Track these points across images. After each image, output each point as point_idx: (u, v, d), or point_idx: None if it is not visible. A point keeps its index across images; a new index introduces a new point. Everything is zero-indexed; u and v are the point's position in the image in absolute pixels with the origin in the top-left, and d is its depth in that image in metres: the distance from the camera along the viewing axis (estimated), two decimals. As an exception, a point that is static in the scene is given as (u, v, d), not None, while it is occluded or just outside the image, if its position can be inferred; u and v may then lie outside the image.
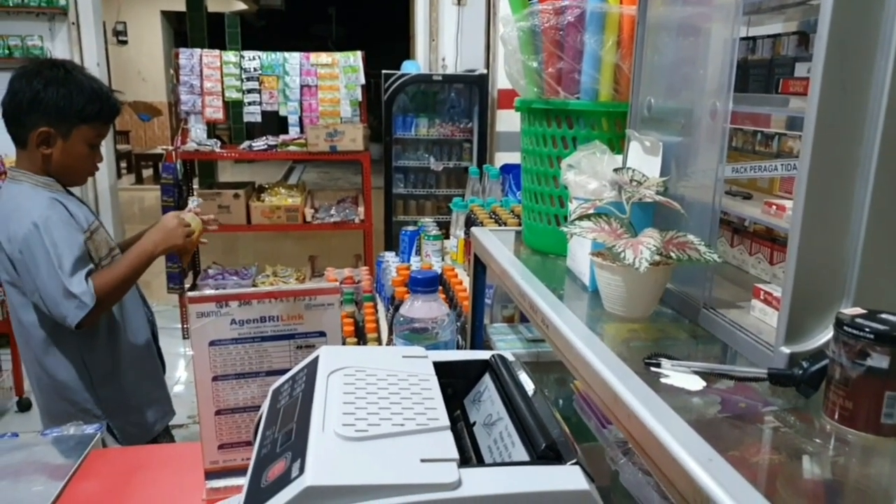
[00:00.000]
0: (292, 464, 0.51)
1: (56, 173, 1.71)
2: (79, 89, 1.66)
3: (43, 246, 1.56)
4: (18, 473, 0.89)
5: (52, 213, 1.60)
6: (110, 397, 1.75)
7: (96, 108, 1.69)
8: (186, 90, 4.49)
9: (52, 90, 1.64)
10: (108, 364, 1.75)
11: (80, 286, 1.55)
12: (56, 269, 1.55)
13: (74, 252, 1.58)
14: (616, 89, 1.17)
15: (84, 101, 1.67)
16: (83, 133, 1.69)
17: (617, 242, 0.87)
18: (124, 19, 11.10)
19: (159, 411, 1.88)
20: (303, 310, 0.84)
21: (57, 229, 1.58)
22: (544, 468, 0.52)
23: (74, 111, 1.66)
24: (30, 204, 1.62)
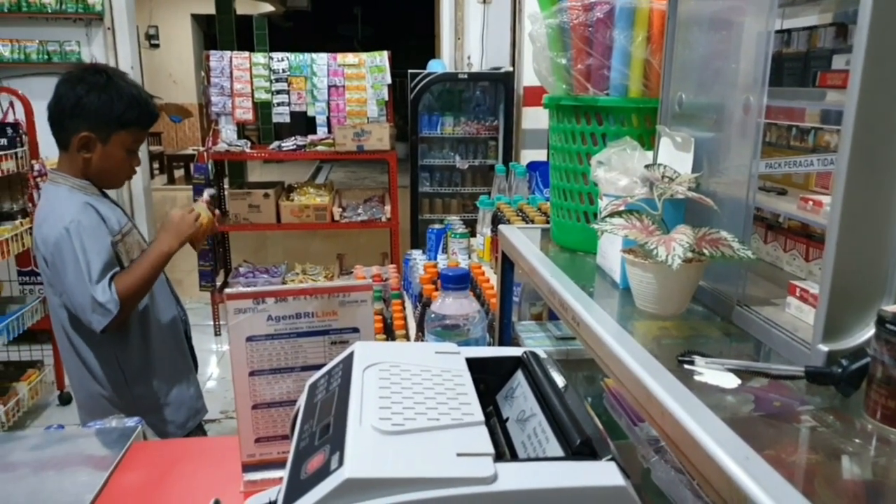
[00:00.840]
0: (331, 456, 0.51)
1: (94, 177, 1.76)
2: (119, 95, 1.70)
3: (72, 250, 1.60)
4: (64, 464, 0.92)
5: (84, 218, 1.64)
6: (144, 395, 1.79)
7: (135, 114, 1.73)
8: (217, 92, 4.55)
9: (94, 96, 1.68)
10: (141, 362, 1.79)
11: (105, 294, 1.59)
12: (84, 276, 1.59)
13: (102, 258, 1.62)
14: (646, 85, 1.16)
15: (123, 107, 1.70)
16: (122, 138, 1.73)
17: (649, 239, 0.87)
18: (156, 23, 11.29)
19: (192, 409, 1.92)
20: (337, 306, 0.85)
21: (86, 234, 1.62)
22: (580, 464, 0.52)
23: (114, 117, 1.70)
24: (63, 207, 1.66)
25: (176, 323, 1.93)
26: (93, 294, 1.57)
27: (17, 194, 3.25)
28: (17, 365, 3.44)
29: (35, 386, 3.32)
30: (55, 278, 1.64)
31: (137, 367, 1.78)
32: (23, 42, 4.43)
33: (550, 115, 1.30)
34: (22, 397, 3.18)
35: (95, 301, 1.57)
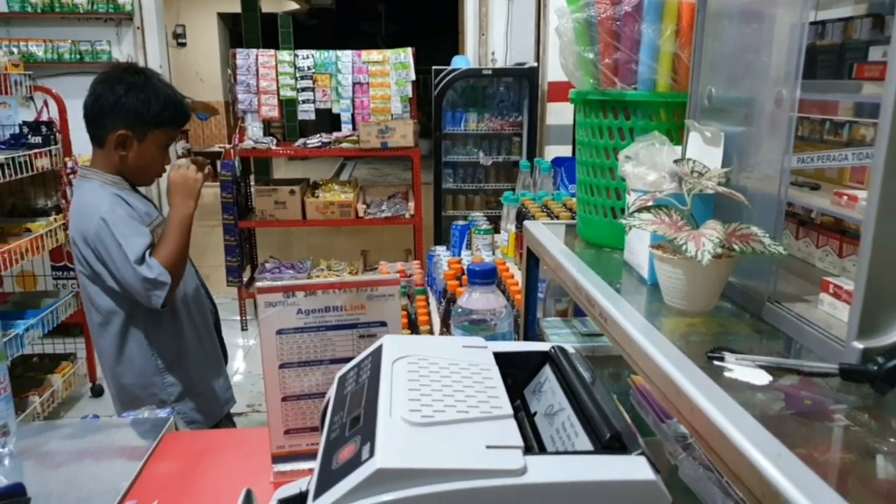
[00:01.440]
0: (362, 447, 0.52)
1: (128, 173, 1.81)
2: (156, 95, 1.75)
3: (113, 239, 1.65)
4: (100, 453, 0.94)
5: (117, 208, 1.69)
6: (175, 383, 1.83)
7: (170, 113, 1.78)
8: (243, 89, 4.60)
9: (133, 96, 1.73)
10: (174, 351, 1.83)
11: (153, 270, 1.64)
12: (128, 261, 1.63)
13: (142, 240, 1.66)
14: (675, 79, 1.15)
15: (160, 106, 1.75)
16: (156, 137, 1.78)
17: (678, 235, 0.86)
18: (183, 22, 11.42)
19: (221, 399, 1.96)
20: (365, 300, 0.86)
21: (122, 221, 1.67)
22: (609, 458, 0.52)
23: (151, 116, 1.75)
24: (96, 200, 1.71)
25: (206, 314, 1.97)
26: (142, 274, 1.63)
27: (50, 191, 3.32)
28: (51, 357, 3.51)
29: (69, 378, 3.39)
30: (103, 269, 1.70)
31: (171, 355, 1.82)
32: (56, 42, 4.52)
33: (577, 109, 1.30)
34: (56, 389, 3.25)
35: (147, 279, 1.63)
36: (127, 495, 0.85)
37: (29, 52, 4.40)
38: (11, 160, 2.79)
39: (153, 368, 1.80)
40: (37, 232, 3.03)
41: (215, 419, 1.93)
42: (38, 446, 0.97)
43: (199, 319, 1.91)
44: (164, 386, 1.81)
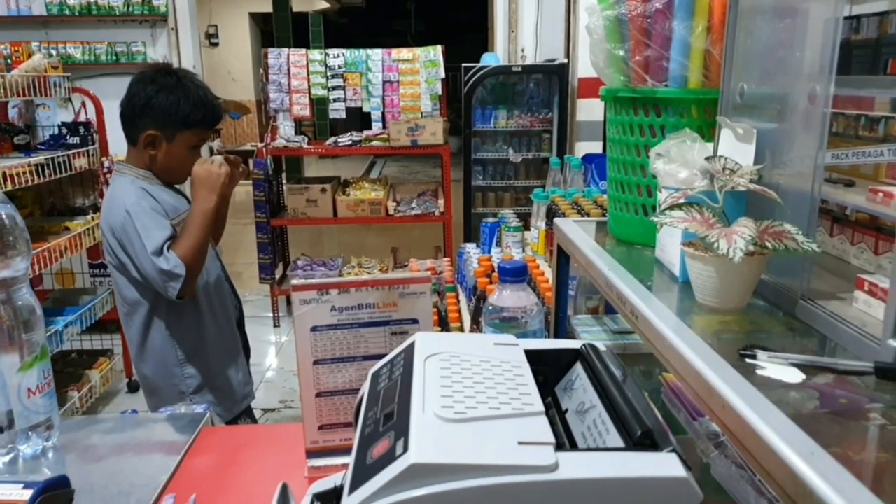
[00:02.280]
0: (396, 442, 0.53)
1: (158, 172, 1.85)
2: (186, 97, 1.78)
3: (136, 231, 1.69)
4: (139, 447, 0.97)
5: (142, 201, 1.73)
6: (195, 375, 1.87)
7: (199, 115, 1.81)
8: (275, 88, 4.66)
9: (163, 96, 1.76)
10: (194, 342, 1.87)
11: (169, 262, 1.67)
12: (147, 253, 1.67)
13: (164, 233, 1.70)
14: (706, 76, 1.14)
15: (189, 107, 1.78)
16: (186, 137, 1.82)
17: (710, 232, 0.86)
18: (215, 22, 11.59)
19: (239, 393, 1.99)
20: (397, 298, 0.87)
21: (145, 214, 1.71)
22: (641, 454, 0.52)
23: (180, 117, 1.78)
24: (122, 194, 1.76)
25: (228, 308, 2.00)
26: (159, 266, 1.66)
27: (88, 190, 3.40)
28: (89, 353, 3.60)
29: (106, 374, 3.48)
30: (128, 260, 1.74)
31: (191, 346, 1.86)
32: (93, 44, 4.62)
33: (608, 107, 1.30)
34: (94, 384, 3.33)
35: (162, 271, 1.67)
36: (166, 488, 0.88)
37: (67, 53, 4.51)
38: (51, 160, 2.87)
39: (173, 359, 1.84)
40: (75, 230, 3.11)
41: (233, 413, 1.96)
42: (79, 440, 1.00)
43: (220, 313, 1.94)
44: (183, 377, 1.85)
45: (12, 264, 0.87)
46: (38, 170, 2.74)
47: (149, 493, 0.85)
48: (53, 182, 3.07)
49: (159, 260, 1.67)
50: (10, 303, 0.88)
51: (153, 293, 1.77)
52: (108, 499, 0.84)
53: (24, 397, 0.89)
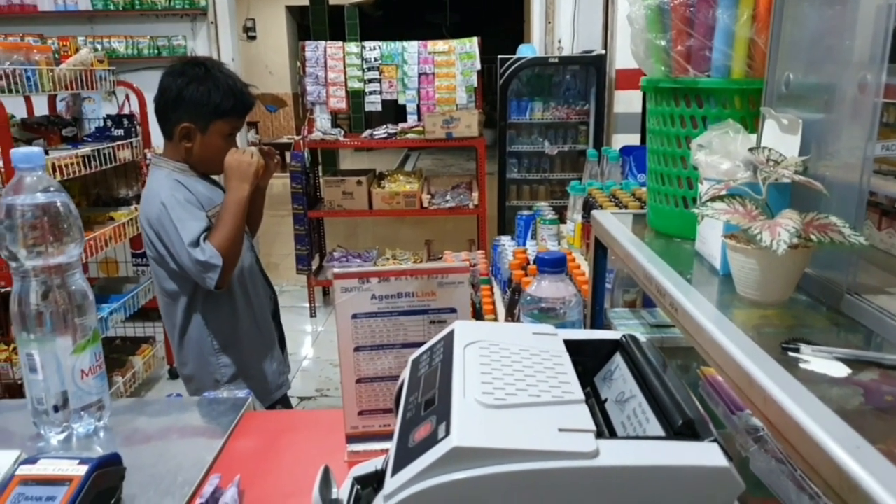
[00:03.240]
0: (438, 426, 0.54)
1: (194, 164, 1.87)
2: (216, 86, 1.79)
3: (171, 222, 1.72)
4: (184, 429, 1.00)
5: (176, 193, 1.76)
6: (230, 364, 1.89)
7: (230, 103, 1.81)
8: (312, 81, 4.70)
9: (193, 88, 1.78)
10: (229, 332, 1.89)
11: (205, 253, 1.69)
12: (184, 244, 1.70)
13: (200, 224, 1.73)
14: (750, 65, 1.12)
15: (220, 97, 1.79)
16: (219, 127, 1.82)
17: (753, 224, 0.84)
18: (253, 16, 11.73)
19: (273, 384, 2.00)
20: (435, 287, 0.88)
21: (180, 206, 1.73)
22: (682, 443, 0.52)
23: (212, 107, 1.79)
24: (158, 187, 1.79)
25: (263, 298, 2.02)
26: (195, 257, 1.69)
27: (132, 181, 3.49)
28: (132, 340, 3.71)
29: (148, 360, 3.57)
30: (166, 251, 1.77)
31: (226, 336, 1.88)
32: (136, 38, 4.73)
33: (648, 97, 1.28)
34: (137, 370, 3.43)
35: (199, 262, 1.69)
36: (211, 469, 0.90)
37: (111, 48, 4.62)
38: (97, 152, 2.95)
39: (209, 349, 1.87)
40: (119, 220, 3.19)
41: (268, 402, 1.99)
42: (127, 421, 1.04)
43: (255, 304, 1.96)
44: (218, 366, 1.88)
45: (67, 250, 0.90)
46: (84, 161, 2.82)
47: (195, 473, 0.88)
48: (98, 173, 3.16)
49: (196, 251, 1.69)
50: (64, 287, 0.91)
51: (191, 284, 1.80)
52: (157, 477, 0.87)
53: (77, 378, 0.93)
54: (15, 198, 0.87)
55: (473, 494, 0.51)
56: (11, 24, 4.77)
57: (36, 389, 0.92)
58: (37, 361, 0.91)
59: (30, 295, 0.89)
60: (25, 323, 0.90)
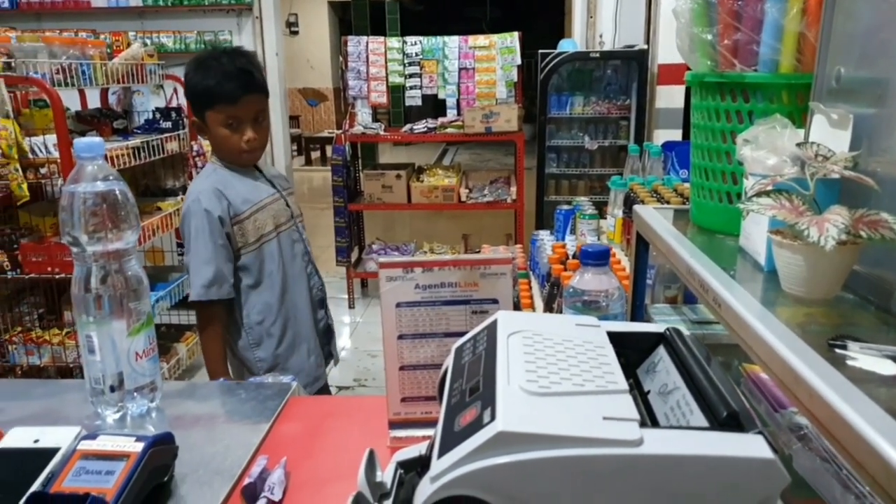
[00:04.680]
0: (483, 411, 0.55)
1: (223, 159, 1.85)
2: (209, 74, 1.73)
3: (189, 226, 1.77)
4: (232, 412, 1.04)
5: (204, 199, 1.76)
6: (264, 359, 1.89)
7: (219, 89, 1.72)
8: (354, 76, 4.75)
9: (193, 79, 1.76)
10: (263, 329, 1.88)
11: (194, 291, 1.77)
12: (192, 258, 1.77)
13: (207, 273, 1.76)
14: (799, 60, 1.11)
15: (209, 84, 1.73)
16: (213, 117, 1.76)
17: (800, 220, 0.84)
18: (296, 11, 11.87)
19: (310, 376, 1.98)
20: (478, 278, 0.89)
21: (197, 218, 1.75)
22: (727, 434, 0.52)
23: (199, 98, 1.77)
24: (198, 183, 1.82)
25: (304, 294, 1.97)
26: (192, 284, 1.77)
27: (178, 172, 3.58)
28: (177, 328, 3.80)
29: (192, 347, 3.66)
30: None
31: (259, 332, 1.88)
32: (183, 33, 4.85)
33: (693, 92, 1.27)
34: (181, 357, 3.52)
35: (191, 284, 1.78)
36: (258, 450, 0.93)
37: (160, 42, 4.74)
38: (146, 144, 3.04)
39: (244, 343, 1.87)
40: (166, 210, 3.27)
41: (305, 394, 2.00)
42: (177, 404, 1.07)
43: (296, 298, 1.94)
44: (253, 360, 1.88)
45: (124, 237, 0.94)
46: (134, 152, 2.90)
47: (243, 455, 0.91)
48: (147, 164, 3.24)
49: (193, 278, 1.77)
50: (121, 272, 0.95)
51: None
52: (206, 457, 0.90)
53: (132, 360, 0.97)
54: (76, 186, 0.91)
55: (517, 479, 0.52)
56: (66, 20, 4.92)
57: (94, 370, 0.96)
58: (95, 343, 0.95)
59: (90, 279, 0.93)
60: (85, 306, 0.94)
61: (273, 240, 1.88)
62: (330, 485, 0.86)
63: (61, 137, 2.51)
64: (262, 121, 1.82)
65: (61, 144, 2.52)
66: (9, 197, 2.70)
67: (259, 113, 1.80)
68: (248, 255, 1.83)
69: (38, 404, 1.07)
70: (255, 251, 1.84)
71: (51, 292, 3.08)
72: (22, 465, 0.76)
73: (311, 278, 2.01)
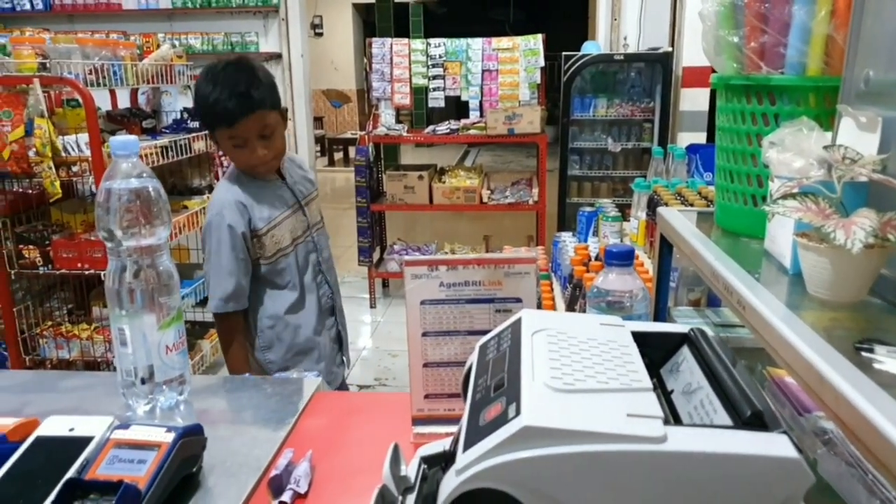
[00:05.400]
0: (508, 406, 0.56)
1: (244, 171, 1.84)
2: (204, 97, 1.69)
3: (211, 239, 1.77)
4: (259, 406, 1.05)
5: (225, 216, 1.75)
6: (275, 361, 1.90)
7: (220, 111, 1.68)
8: (378, 77, 4.78)
9: (198, 98, 1.74)
10: (274, 333, 1.90)
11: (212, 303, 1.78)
12: (213, 271, 1.78)
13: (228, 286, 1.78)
14: (826, 62, 1.10)
15: (205, 109, 1.71)
16: (219, 137, 1.75)
17: (826, 222, 0.83)
18: (320, 13, 11.96)
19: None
20: (502, 276, 0.90)
21: (221, 232, 1.76)
22: (751, 433, 0.53)
23: (203, 120, 1.78)
24: (219, 195, 1.80)
25: (312, 301, 1.96)
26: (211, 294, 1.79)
27: (205, 171, 3.62)
28: (201, 325, 3.85)
29: (215, 344, 3.70)
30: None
31: (270, 336, 1.89)
32: (210, 35, 4.91)
33: (718, 95, 1.27)
34: (205, 354, 3.57)
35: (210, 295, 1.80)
36: (284, 444, 0.95)
37: (188, 44, 4.81)
38: (174, 143, 3.08)
39: (256, 344, 1.89)
40: (192, 209, 3.32)
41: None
42: (204, 398, 1.10)
43: (306, 308, 1.94)
44: (264, 362, 1.90)
45: (156, 232, 0.96)
46: (163, 151, 2.95)
47: (269, 448, 0.92)
48: (174, 163, 3.29)
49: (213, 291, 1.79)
50: (153, 267, 0.98)
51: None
52: (234, 449, 0.92)
53: (162, 353, 0.99)
54: (112, 182, 0.94)
55: (541, 473, 0.53)
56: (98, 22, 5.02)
57: (125, 362, 0.99)
58: (127, 336, 0.98)
59: (124, 273, 0.96)
60: (119, 299, 0.96)
61: (291, 254, 1.89)
62: (355, 478, 0.88)
63: (93, 136, 2.57)
64: (271, 135, 1.76)
65: (93, 143, 2.57)
66: (42, 194, 2.76)
67: (264, 129, 1.74)
68: (265, 266, 1.85)
69: (69, 396, 1.10)
70: (272, 264, 1.86)
71: (80, 288, 3.14)
72: (58, 453, 0.78)
73: (320, 287, 2.00)
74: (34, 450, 0.79)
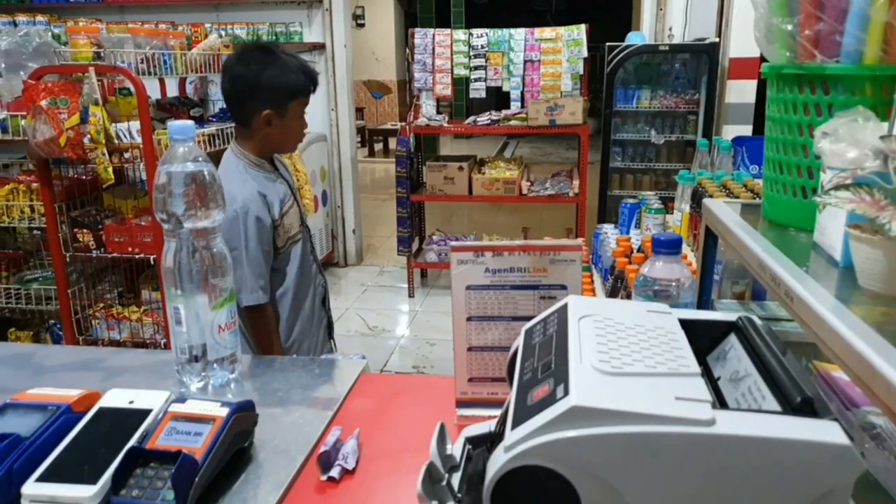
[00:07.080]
0: (556, 387, 0.57)
1: (272, 149, 1.88)
2: (287, 68, 1.78)
3: (239, 235, 1.74)
4: (307, 385, 1.08)
5: (252, 206, 1.75)
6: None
7: (302, 81, 1.82)
8: (419, 68, 4.79)
9: (269, 73, 1.76)
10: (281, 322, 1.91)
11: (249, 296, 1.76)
12: (245, 264, 1.75)
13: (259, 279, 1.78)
14: (885, 50, 1.07)
15: (293, 77, 1.79)
16: (295, 108, 1.82)
17: (881, 214, 0.82)
18: (362, 4, 12.02)
19: None
20: (547, 263, 0.91)
21: (248, 225, 1.75)
22: (801, 419, 0.53)
23: (288, 89, 1.79)
24: (236, 188, 1.75)
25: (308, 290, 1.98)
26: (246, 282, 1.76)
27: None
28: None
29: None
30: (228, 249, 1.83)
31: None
32: (256, 25, 4.98)
33: (769, 84, 1.25)
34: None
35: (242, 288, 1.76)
36: (332, 422, 0.97)
37: (234, 34, 4.89)
38: (220, 131, 3.15)
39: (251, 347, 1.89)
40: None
41: None
42: (254, 377, 1.13)
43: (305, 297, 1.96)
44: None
45: (211, 215, 1.00)
46: (209, 140, 3.02)
47: (317, 425, 0.95)
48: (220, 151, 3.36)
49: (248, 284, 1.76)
50: (207, 249, 1.01)
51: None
52: (283, 427, 0.95)
53: (215, 333, 1.02)
54: (170, 166, 0.97)
55: (589, 452, 0.54)
56: (148, 13, 5.14)
57: (180, 340, 1.03)
58: (182, 315, 1.01)
59: (180, 254, 0.99)
60: (175, 280, 1.00)
61: (299, 241, 1.92)
62: (401, 456, 0.90)
63: (144, 124, 2.64)
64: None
65: (144, 131, 2.65)
66: (95, 180, 2.85)
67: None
68: (279, 257, 1.87)
69: (124, 372, 1.15)
70: (284, 252, 1.88)
71: (130, 271, 3.24)
72: (119, 423, 0.82)
73: (316, 277, 2.04)
74: (97, 420, 0.83)
